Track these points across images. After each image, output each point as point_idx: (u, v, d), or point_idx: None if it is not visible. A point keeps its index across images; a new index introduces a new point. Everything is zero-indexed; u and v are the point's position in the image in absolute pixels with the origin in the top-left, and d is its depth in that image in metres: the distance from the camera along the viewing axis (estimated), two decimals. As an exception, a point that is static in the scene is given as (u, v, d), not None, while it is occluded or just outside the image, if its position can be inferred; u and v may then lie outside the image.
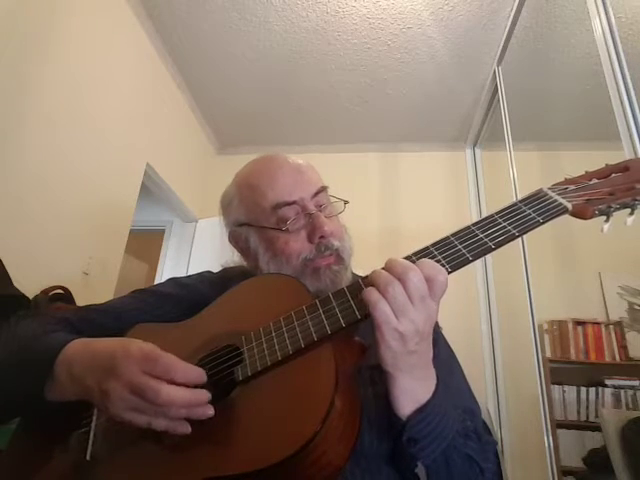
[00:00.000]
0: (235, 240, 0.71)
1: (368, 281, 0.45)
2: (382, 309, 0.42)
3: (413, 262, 0.46)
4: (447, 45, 2.26)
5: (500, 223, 0.48)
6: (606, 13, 1.30)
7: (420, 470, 0.47)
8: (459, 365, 0.66)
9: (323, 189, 0.66)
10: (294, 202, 0.63)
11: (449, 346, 0.68)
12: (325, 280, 0.60)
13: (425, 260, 0.45)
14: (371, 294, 0.43)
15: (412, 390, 0.46)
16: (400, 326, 0.42)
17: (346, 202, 0.68)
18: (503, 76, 2.24)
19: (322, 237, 0.62)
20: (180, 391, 0.42)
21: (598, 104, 1.68)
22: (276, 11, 2.10)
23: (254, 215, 0.66)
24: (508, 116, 2.12)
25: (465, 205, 2.73)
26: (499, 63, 2.26)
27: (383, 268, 0.46)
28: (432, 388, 0.48)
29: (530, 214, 0.49)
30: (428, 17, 2.11)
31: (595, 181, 0.53)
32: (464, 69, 2.41)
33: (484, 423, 0.59)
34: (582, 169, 0.56)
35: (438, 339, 0.65)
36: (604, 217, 0.51)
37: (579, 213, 0.50)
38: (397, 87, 2.58)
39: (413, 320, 0.43)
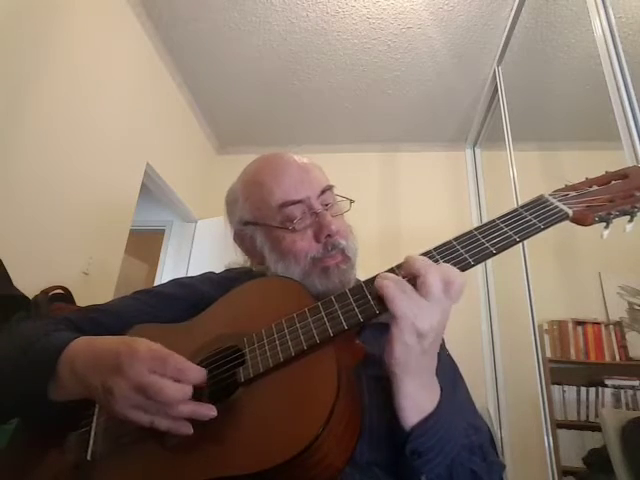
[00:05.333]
0: (240, 240, 0.70)
1: (382, 278, 0.45)
2: (400, 303, 0.42)
3: None
4: (447, 45, 2.26)
5: (502, 228, 0.49)
6: (606, 13, 1.30)
7: None
8: (462, 379, 0.65)
9: (329, 188, 0.66)
10: (300, 201, 0.63)
11: (452, 359, 0.67)
12: (334, 279, 0.60)
13: (443, 264, 0.45)
14: (389, 288, 0.43)
15: (418, 398, 0.45)
16: (417, 321, 0.42)
17: (352, 201, 0.68)
18: (503, 76, 2.24)
19: (329, 236, 0.61)
20: (185, 390, 0.42)
21: (598, 104, 1.67)
22: (276, 11, 2.10)
23: (260, 213, 0.65)
24: (508, 116, 2.12)
25: (465, 205, 2.73)
26: (499, 63, 2.25)
27: (399, 265, 0.46)
28: (437, 398, 0.47)
29: (531, 220, 0.49)
30: (428, 17, 2.11)
31: (595, 188, 0.54)
32: (464, 69, 2.41)
33: (492, 440, 0.58)
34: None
35: (441, 351, 0.64)
36: (604, 224, 0.51)
37: (579, 219, 0.50)
38: (397, 87, 2.58)
39: (429, 317, 0.43)
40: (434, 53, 2.32)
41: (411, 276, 0.44)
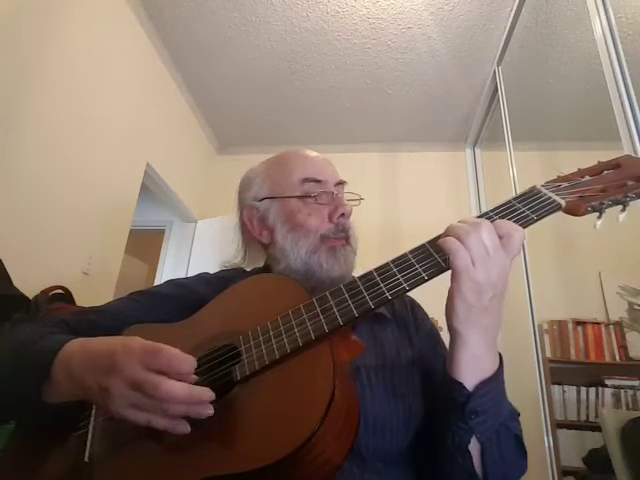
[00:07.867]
0: (249, 217, 0.72)
1: (442, 237, 0.46)
2: (463, 257, 0.43)
3: None
4: (447, 45, 2.26)
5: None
6: (606, 13, 1.30)
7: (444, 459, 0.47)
8: None
9: (343, 182, 0.71)
10: (321, 181, 0.67)
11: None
12: (340, 258, 0.63)
13: (501, 220, 0.47)
14: (452, 243, 0.44)
15: (481, 357, 0.46)
16: (477, 275, 0.43)
17: (361, 198, 0.72)
18: (503, 76, 2.24)
19: (342, 215, 0.65)
20: (181, 386, 0.42)
21: (598, 104, 1.68)
22: (276, 11, 2.10)
23: (280, 188, 0.68)
24: (508, 116, 2.12)
25: (465, 205, 2.73)
26: (499, 63, 2.25)
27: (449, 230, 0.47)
28: (497, 361, 0.48)
29: (524, 211, 0.49)
30: (428, 17, 2.11)
31: (588, 178, 0.54)
32: (464, 69, 2.41)
33: None
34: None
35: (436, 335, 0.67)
36: (597, 214, 0.52)
37: (572, 210, 0.51)
38: (397, 87, 2.58)
39: (489, 270, 0.44)
40: (434, 53, 2.32)
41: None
